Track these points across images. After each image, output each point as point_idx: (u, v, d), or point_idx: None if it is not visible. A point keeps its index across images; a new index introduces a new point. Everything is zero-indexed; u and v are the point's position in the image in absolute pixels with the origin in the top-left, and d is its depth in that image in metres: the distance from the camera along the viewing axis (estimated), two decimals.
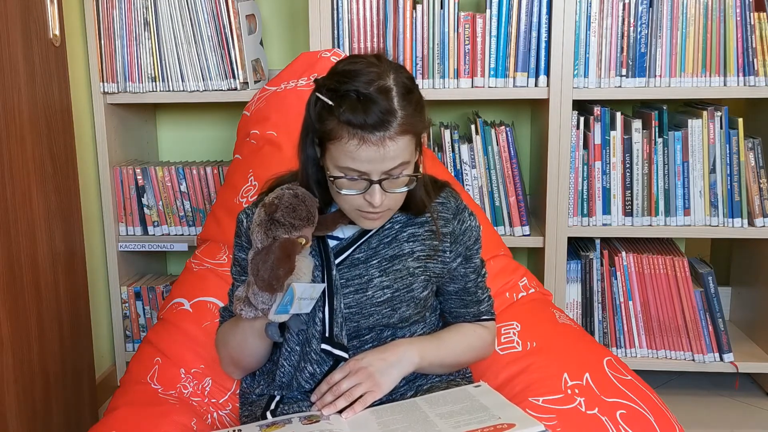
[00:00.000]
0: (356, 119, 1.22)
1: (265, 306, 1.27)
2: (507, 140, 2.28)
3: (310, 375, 1.40)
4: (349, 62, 1.30)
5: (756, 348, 2.42)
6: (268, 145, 1.96)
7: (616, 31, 2.21)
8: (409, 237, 1.42)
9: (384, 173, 1.27)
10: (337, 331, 1.38)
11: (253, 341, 1.39)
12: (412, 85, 1.30)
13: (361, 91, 1.23)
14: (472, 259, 1.47)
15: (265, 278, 1.24)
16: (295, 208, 1.28)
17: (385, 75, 1.26)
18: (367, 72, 1.25)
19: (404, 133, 1.25)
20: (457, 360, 1.48)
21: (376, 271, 1.40)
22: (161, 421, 1.49)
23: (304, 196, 1.31)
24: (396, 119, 1.23)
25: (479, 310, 1.50)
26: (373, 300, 1.39)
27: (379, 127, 1.23)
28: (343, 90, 1.24)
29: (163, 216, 2.48)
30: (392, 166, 1.26)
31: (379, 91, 1.23)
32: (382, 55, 1.32)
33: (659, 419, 1.47)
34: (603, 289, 2.33)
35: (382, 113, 1.22)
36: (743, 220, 2.25)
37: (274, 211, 1.28)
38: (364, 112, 1.22)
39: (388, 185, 1.29)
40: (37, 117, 1.84)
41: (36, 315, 1.82)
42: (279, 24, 2.61)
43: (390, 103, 1.24)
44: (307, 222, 1.30)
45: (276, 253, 1.24)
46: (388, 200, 1.30)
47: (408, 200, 1.37)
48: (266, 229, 1.28)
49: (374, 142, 1.23)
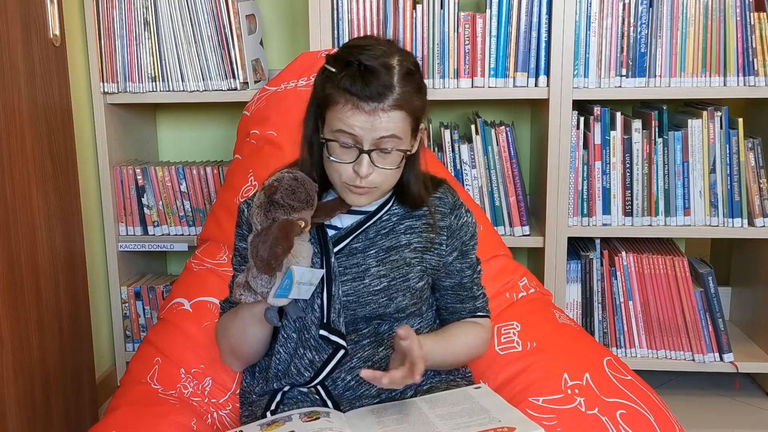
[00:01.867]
0: (354, 87, 1.27)
1: (265, 289, 1.29)
2: (507, 140, 2.28)
3: (309, 362, 1.41)
4: (361, 38, 1.37)
5: (756, 348, 2.42)
6: (268, 145, 1.96)
7: (616, 31, 2.21)
8: (407, 229, 1.44)
9: (374, 143, 1.29)
10: (334, 318, 1.39)
11: (253, 328, 1.40)
12: (416, 70, 1.33)
13: (364, 62, 1.27)
14: (468, 254, 1.49)
15: (264, 257, 1.25)
16: (294, 190, 1.31)
17: (391, 54, 1.30)
18: (375, 47, 1.30)
19: (398, 108, 1.29)
20: (456, 360, 1.49)
21: (373, 261, 1.42)
22: (161, 421, 1.49)
23: (304, 179, 1.33)
24: (392, 94, 1.28)
25: (475, 306, 1.52)
26: (369, 288, 1.40)
27: (375, 99, 1.27)
28: (349, 60, 1.29)
29: (163, 216, 2.48)
30: (382, 135, 1.29)
31: (381, 65, 1.28)
32: (394, 41, 1.37)
33: (659, 419, 1.47)
34: (603, 289, 2.33)
35: (379, 86, 1.27)
36: (743, 220, 2.25)
37: (274, 192, 1.30)
38: (362, 81, 1.26)
39: (378, 159, 1.31)
40: (37, 117, 1.84)
41: (36, 315, 1.82)
42: (279, 24, 2.61)
43: (390, 78, 1.28)
44: (306, 204, 1.32)
45: (275, 233, 1.26)
46: (376, 175, 1.33)
47: (404, 191, 1.41)
48: (266, 210, 1.30)
49: (367, 111, 1.27)
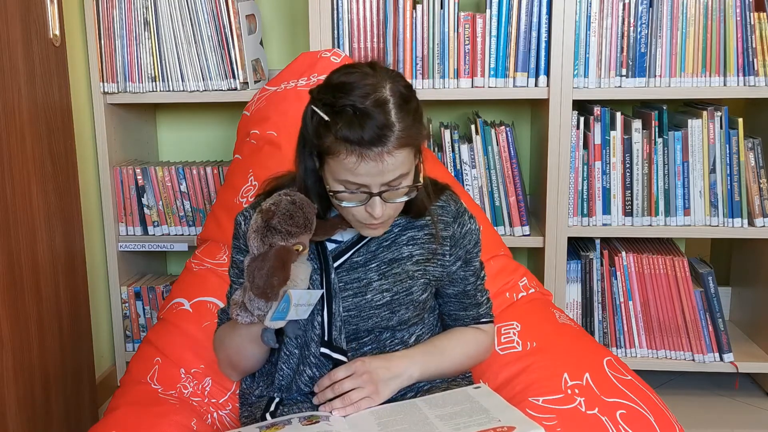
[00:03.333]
0: (353, 136, 1.21)
1: (261, 312, 1.26)
2: (507, 140, 2.28)
3: (309, 378, 1.39)
4: (344, 73, 1.27)
5: (756, 348, 2.42)
6: (268, 145, 1.96)
7: (616, 31, 2.21)
8: (409, 240, 1.42)
9: (383, 185, 1.26)
10: (336, 335, 1.38)
11: (250, 346, 1.38)
12: (410, 94, 1.28)
13: (357, 105, 1.21)
14: (471, 262, 1.47)
15: (260, 286, 1.23)
16: (292, 215, 1.27)
17: (381, 86, 1.24)
18: (363, 85, 1.23)
19: (402, 147, 1.24)
20: (455, 369, 1.48)
21: (375, 275, 1.39)
22: (161, 421, 1.49)
23: (302, 202, 1.29)
24: (393, 133, 1.22)
25: (478, 313, 1.50)
26: (372, 303, 1.38)
27: (377, 143, 1.21)
28: (339, 105, 1.22)
29: (163, 216, 2.48)
30: (391, 179, 1.25)
31: (375, 104, 1.22)
32: (376, 63, 1.30)
33: (659, 419, 1.47)
34: (603, 289, 2.33)
35: (379, 128, 1.21)
36: (743, 220, 2.25)
37: (271, 217, 1.26)
38: (360, 127, 1.20)
39: (388, 196, 1.28)
40: (37, 117, 1.84)
41: (36, 315, 1.82)
42: (279, 24, 2.61)
43: (387, 116, 1.22)
44: (304, 229, 1.28)
45: (271, 260, 1.23)
46: (389, 209, 1.30)
47: (408, 203, 1.36)
48: (262, 236, 1.26)
49: (372, 157, 1.22)
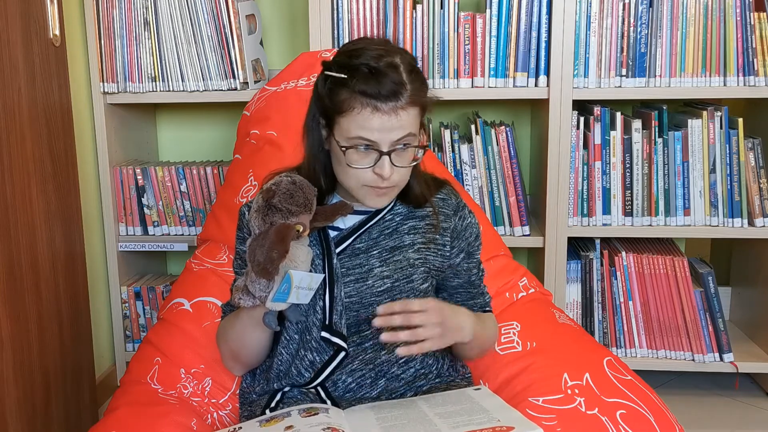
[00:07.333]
0: (370, 89, 1.28)
1: (263, 293, 1.28)
2: (507, 140, 2.28)
3: (309, 363, 1.41)
4: (357, 41, 1.38)
5: (756, 348, 2.42)
6: (268, 145, 1.96)
7: (616, 31, 2.21)
8: (410, 229, 1.44)
9: (393, 144, 1.31)
10: (336, 319, 1.39)
11: (252, 332, 1.40)
12: (416, 67, 1.36)
13: (372, 64, 1.29)
14: (474, 255, 1.51)
15: (260, 261, 1.25)
16: (292, 194, 1.31)
17: (392, 53, 1.32)
18: (375, 48, 1.32)
19: (413, 105, 1.31)
20: (482, 345, 1.51)
21: (376, 261, 1.41)
22: (161, 421, 1.49)
23: (302, 183, 1.33)
24: (406, 91, 1.29)
25: (485, 301, 1.54)
26: (373, 289, 1.40)
27: (392, 97, 1.28)
28: (355, 64, 1.30)
29: (163, 216, 2.48)
30: (401, 136, 1.31)
31: (387, 65, 1.30)
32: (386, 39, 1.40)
33: (659, 419, 1.47)
34: (603, 289, 2.33)
35: (394, 84, 1.28)
36: (743, 220, 2.25)
37: (272, 196, 1.30)
38: (377, 82, 1.28)
39: (397, 159, 1.33)
40: (37, 117, 1.84)
41: (36, 315, 1.82)
42: (279, 24, 2.61)
43: (399, 76, 1.30)
44: (304, 208, 1.31)
45: (271, 237, 1.26)
46: (396, 174, 1.34)
47: (407, 190, 1.42)
48: (264, 214, 1.30)
49: (386, 111, 1.28)
